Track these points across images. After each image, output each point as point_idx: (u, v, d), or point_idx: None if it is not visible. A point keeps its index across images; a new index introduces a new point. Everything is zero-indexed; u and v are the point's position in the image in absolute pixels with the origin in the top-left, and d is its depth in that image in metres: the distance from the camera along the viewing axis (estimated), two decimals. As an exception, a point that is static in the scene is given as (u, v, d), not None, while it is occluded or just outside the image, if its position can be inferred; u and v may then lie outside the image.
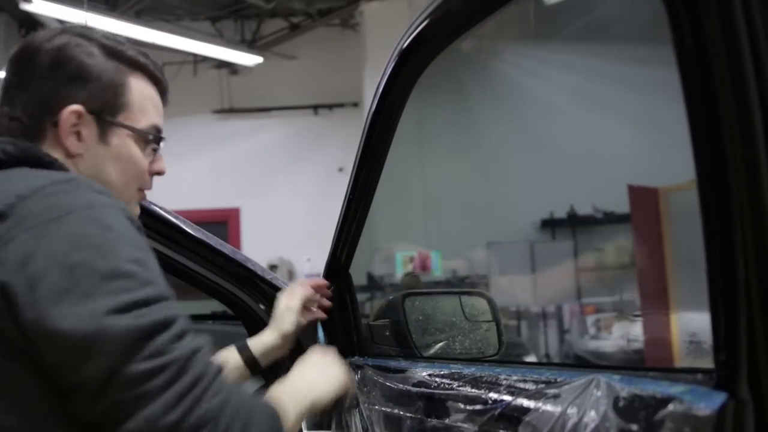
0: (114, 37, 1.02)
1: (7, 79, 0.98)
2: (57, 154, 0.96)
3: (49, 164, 0.93)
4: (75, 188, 0.85)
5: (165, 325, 0.80)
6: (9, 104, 0.97)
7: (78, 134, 0.97)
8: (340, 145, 7.58)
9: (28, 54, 0.97)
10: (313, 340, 1.43)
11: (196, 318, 2.49)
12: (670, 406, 0.65)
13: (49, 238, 0.79)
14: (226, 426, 0.79)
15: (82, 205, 0.83)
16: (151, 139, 1.04)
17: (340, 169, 7.50)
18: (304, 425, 1.47)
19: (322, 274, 1.52)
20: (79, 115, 0.96)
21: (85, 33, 1.00)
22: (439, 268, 6.88)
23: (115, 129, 0.99)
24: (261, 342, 1.36)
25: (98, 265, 0.79)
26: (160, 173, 1.08)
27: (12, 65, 0.98)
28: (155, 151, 1.06)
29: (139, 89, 1.02)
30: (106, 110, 0.98)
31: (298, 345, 1.44)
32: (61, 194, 0.84)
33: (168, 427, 0.76)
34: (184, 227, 1.52)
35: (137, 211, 1.08)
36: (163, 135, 1.07)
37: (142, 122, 1.02)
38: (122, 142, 1.00)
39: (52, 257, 0.78)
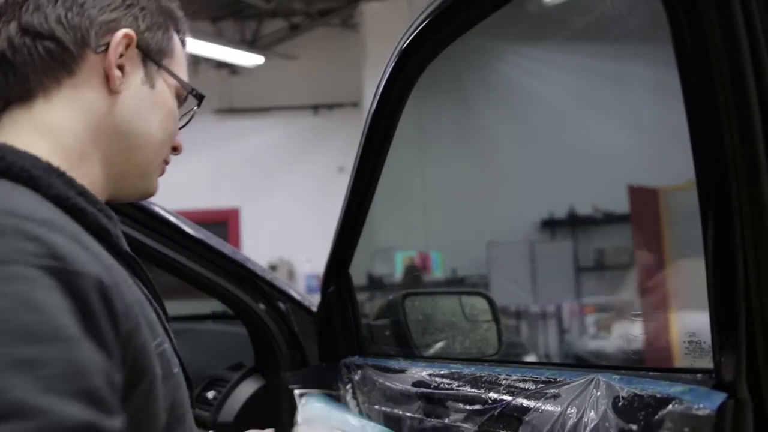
0: None
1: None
2: (92, 91, 0.79)
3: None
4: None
5: None
6: (37, 19, 0.77)
7: (121, 67, 0.80)
8: (340, 146, 7.58)
9: None
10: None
11: (197, 318, 2.50)
12: (670, 406, 0.65)
13: None
14: None
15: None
16: (193, 97, 0.91)
17: (340, 169, 7.50)
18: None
19: (322, 274, 1.52)
20: (129, 43, 0.80)
21: None
22: (439, 268, 6.88)
23: (161, 73, 0.85)
24: None
25: None
26: (177, 148, 0.91)
27: None
28: (184, 116, 0.92)
29: (178, 43, 0.89)
30: (153, 49, 0.84)
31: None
32: None
33: None
34: (184, 227, 1.52)
35: (155, 188, 0.90)
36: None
37: (183, 75, 0.89)
38: (166, 90, 0.86)
39: None
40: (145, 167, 0.86)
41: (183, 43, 0.90)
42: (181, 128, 0.91)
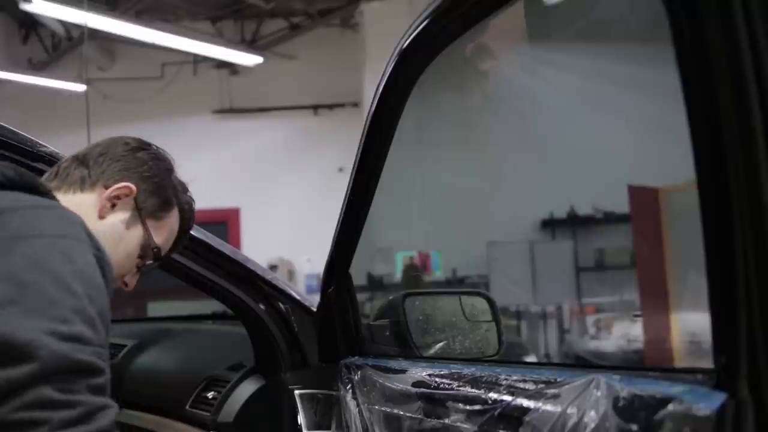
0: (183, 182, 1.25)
1: (99, 144, 1.18)
2: (88, 207, 1.10)
3: (43, 193, 1.02)
4: (52, 215, 0.94)
5: (91, 371, 0.81)
6: (89, 158, 1.15)
7: (113, 205, 1.12)
8: (340, 145, 7.58)
9: (123, 142, 1.18)
10: None
11: (197, 318, 2.50)
12: (670, 406, 0.65)
13: (13, 254, 0.85)
14: None
15: (53, 232, 0.90)
16: (152, 255, 1.18)
17: (340, 169, 7.49)
18: (303, 425, 1.47)
19: (322, 274, 1.52)
20: (128, 193, 1.13)
21: (171, 161, 1.22)
22: (439, 268, 6.88)
23: (140, 227, 1.15)
24: None
25: (49, 290, 0.83)
26: (127, 285, 1.20)
27: (109, 142, 1.18)
28: (140, 267, 1.20)
29: (174, 221, 1.21)
30: (146, 209, 1.16)
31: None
32: (38, 217, 0.92)
33: None
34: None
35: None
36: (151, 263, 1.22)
37: (158, 240, 1.18)
38: (135, 238, 1.15)
39: (9, 271, 0.83)
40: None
41: (184, 222, 1.24)
42: (136, 273, 1.21)
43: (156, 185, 1.17)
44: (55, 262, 0.86)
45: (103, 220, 1.12)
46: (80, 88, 7.00)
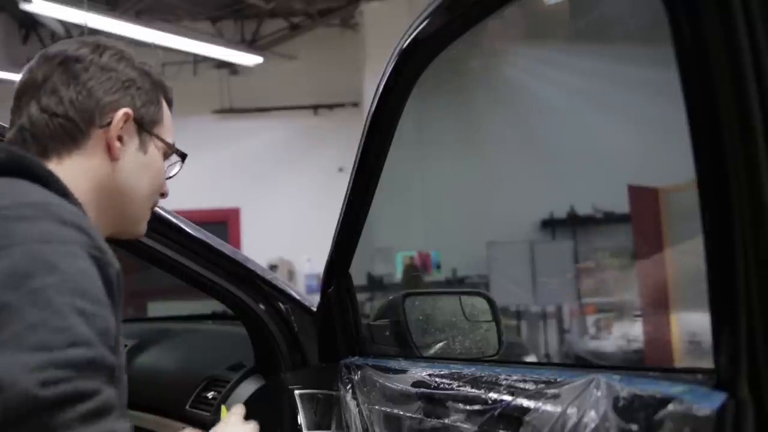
0: (143, 62, 1.08)
1: (47, 77, 0.98)
2: (96, 158, 0.99)
3: (40, 177, 0.88)
4: (36, 215, 0.79)
5: (78, 398, 0.69)
6: (53, 101, 0.97)
7: (120, 138, 1.01)
8: (340, 145, 7.57)
9: (73, 58, 0.99)
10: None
11: (197, 318, 2.49)
12: (670, 406, 0.65)
13: None
14: None
15: (34, 237, 0.77)
16: (173, 154, 1.11)
17: (340, 169, 7.49)
18: (303, 425, 1.47)
19: (322, 274, 1.52)
20: (127, 119, 1.00)
21: (123, 50, 1.05)
22: (439, 267, 6.88)
23: (152, 139, 1.06)
24: None
25: (26, 312, 0.70)
26: (164, 195, 1.12)
27: (54, 66, 0.99)
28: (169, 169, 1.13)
29: (165, 109, 1.10)
30: (147, 121, 1.04)
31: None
32: (18, 220, 0.78)
33: None
34: (183, 227, 1.52)
35: (143, 231, 1.11)
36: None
37: (168, 139, 1.10)
38: (156, 153, 1.07)
39: None
40: (136, 216, 1.07)
41: (169, 103, 1.11)
42: (168, 179, 1.13)
43: (139, 89, 1.03)
44: (35, 275, 0.73)
45: (120, 161, 1.01)
46: (80, 88, 6.99)
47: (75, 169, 0.97)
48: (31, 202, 0.82)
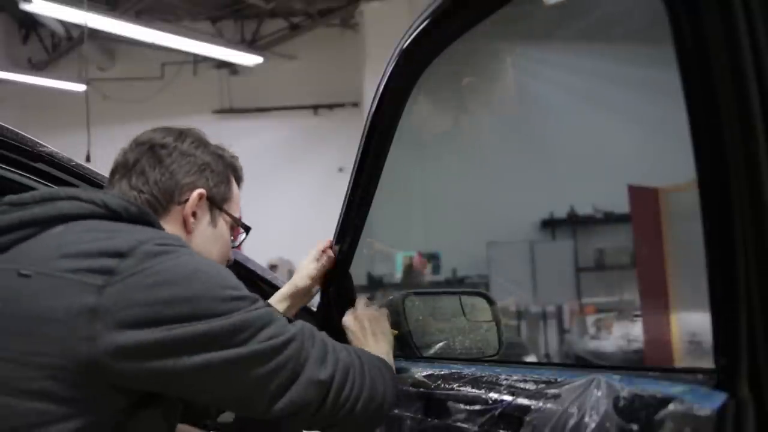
0: (218, 144, 1.26)
1: (137, 160, 1.15)
2: (173, 229, 1.13)
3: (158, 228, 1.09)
4: (178, 241, 1.02)
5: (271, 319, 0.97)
6: (141, 181, 1.13)
7: (195, 214, 1.16)
8: (340, 145, 7.58)
9: (159, 145, 1.16)
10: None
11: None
12: (671, 406, 0.65)
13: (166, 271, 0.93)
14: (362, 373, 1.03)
15: (182, 245, 1.00)
16: (241, 227, 1.27)
17: (340, 169, 7.49)
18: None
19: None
20: (201, 198, 1.16)
21: (202, 137, 1.24)
22: (439, 269, 6.88)
23: (222, 215, 1.21)
24: (278, 293, 1.48)
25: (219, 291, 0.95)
26: (230, 261, 1.27)
27: (144, 151, 1.15)
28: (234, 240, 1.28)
29: (235, 186, 1.26)
30: (218, 199, 1.20)
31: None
32: (168, 240, 0.99)
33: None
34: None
35: None
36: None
37: (236, 214, 1.25)
38: (224, 226, 1.22)
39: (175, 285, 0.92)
40: None
41: (238, 180, 1.28)
42: (233, 248, 1.28)
43: (213, 172, 1.20)
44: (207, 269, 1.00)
45: (194, 233, 1.16)
46: (80, 88, 7.01)
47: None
48: (167, 234, 1.05)
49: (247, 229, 1.30)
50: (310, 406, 0.97)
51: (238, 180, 1.28)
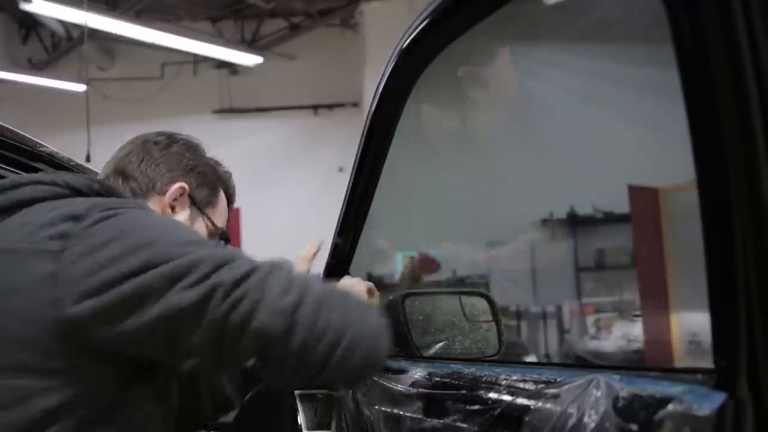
0: (216, 159, 1.31)
1: (129, 151, 1.21)
2: None
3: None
4: (135, 204, 1.04)
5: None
6: (128, 168, 1.18)
7: (173, 208, 1.19)
8: (340, 145, 7.58)
9: (152, 141, 1.21)
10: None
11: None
12: (670, 406, 0.65)
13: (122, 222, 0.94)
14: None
15: (140, 205, 1.03)
16: (219, 238, 1.27)
17: (340, 169, 7.49)
18: (303, 425, 1.47)
19: (322, 274, 1.52)
20: (182, 192, 1.19)
21: (198, 145, 1.28)
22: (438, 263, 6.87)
23: (202, 218, 1.24)
24: None
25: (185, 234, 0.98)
26: None
27: (138, 145, 1.21)
28: None
29: (222, 199, 1.29)
30: (200, 200, 1.23)
31: None
32: (126, 203, 1.02)
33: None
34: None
35: None
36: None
37: (219, 222, 1.27)
38: (202, 229, 1.23)
39: (141, 232, 0.93)
40: None
41: (229, 199, 1.32)
42: None
43: (201, 174, 1.23)
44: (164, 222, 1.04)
45: None
46: (80, 88, 7.01)
47: None
48: (127, 199, 1.09)
49: (227, 240, 1.29)
50: (277, 338, 0.87)
51: (228, 196, 1.32)
